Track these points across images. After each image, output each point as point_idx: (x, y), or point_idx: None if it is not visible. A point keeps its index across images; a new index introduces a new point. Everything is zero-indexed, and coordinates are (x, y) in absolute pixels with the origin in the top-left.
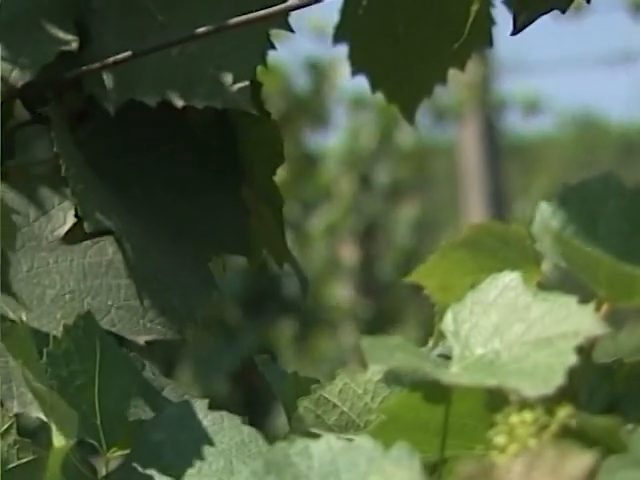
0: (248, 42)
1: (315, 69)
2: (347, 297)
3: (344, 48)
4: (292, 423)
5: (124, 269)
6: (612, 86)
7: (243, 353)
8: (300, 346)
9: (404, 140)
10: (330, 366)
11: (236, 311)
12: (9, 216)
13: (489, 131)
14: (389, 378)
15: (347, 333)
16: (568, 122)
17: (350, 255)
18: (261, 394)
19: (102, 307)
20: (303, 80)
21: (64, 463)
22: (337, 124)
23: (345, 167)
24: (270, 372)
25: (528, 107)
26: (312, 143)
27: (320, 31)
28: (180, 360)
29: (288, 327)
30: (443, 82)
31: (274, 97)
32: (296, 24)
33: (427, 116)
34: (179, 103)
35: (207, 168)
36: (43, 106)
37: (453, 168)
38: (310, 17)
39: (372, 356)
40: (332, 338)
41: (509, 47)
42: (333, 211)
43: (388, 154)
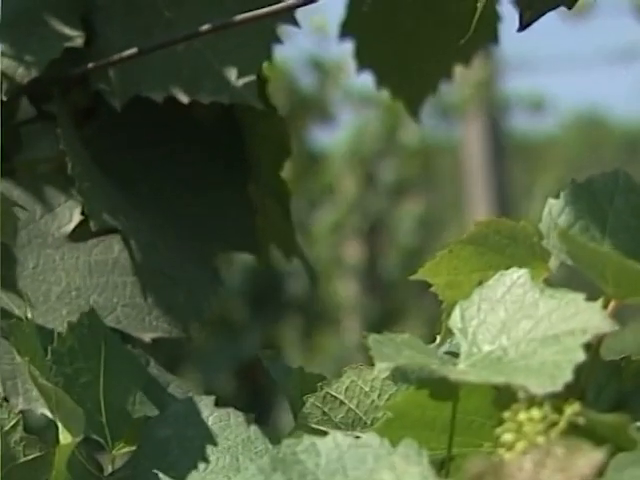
0: (254, 38)
1: (319, 67)
2: (351, 295)
3: (348, 46)
4: (298, 420)
5: (130, 267)
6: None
7: (247, 351)
8: (304, 344)
9: (409, 138)
10: (335, 364)
11: (241, 308)
12: (11, 211)
13: (493, 130)
14: (396, 375)
15: (351, 331)
16: (572, 121)
17: (354, 253)
18: (265, 392)
19: (108, 304)
20: (307, 78)
21: (70, 460)
22: (341, 122)
23: (349, 165)
24: (275, 368)
25: (532, 106)
26: (316, 141)
27: (324, 29)
28: (184, 357)
29: (293, 325)
30: (448, 78)
31: (278, 95)
32: (300, 22)
33: (432, 114)
34: (185, 99)
35: (213, 164)
36: (49, 103)
37: (457, 166)
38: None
39: (379, 353)
40: (336, 336)
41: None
42: (337, 209)
43: (393, 152)
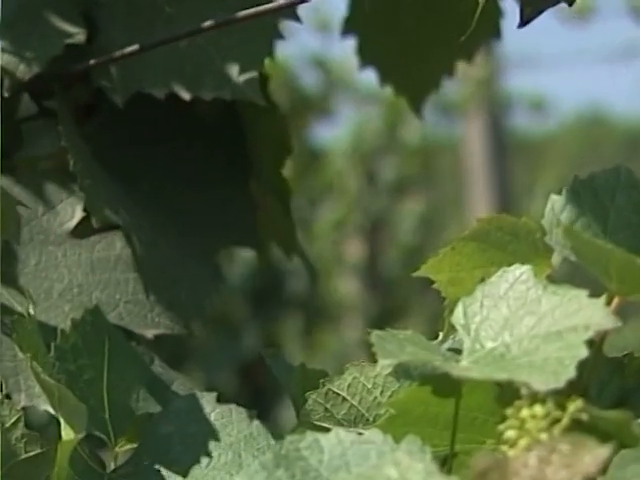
0: (256, 34)
1: (321, 65)
2: (352, 293)
3: (350, 43)
4: (300, 417)
5: (132, 263)
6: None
7: (248, 349)
8: (305, 342)
9: (409, 136)
10: (335, 362)
11: (241, 306)
12: (13, 209)
13: (495, 128)
14: (399, 372)
15: (352, 329)
16: (573, 119)
17: (355, 251)
18: (266, 390)
19: (110, 301)
20: (308, 76)
21: (72, 456)
22: (342, 119)
23: (350, 163)
24: (277, 365)
25: (534, 104)
26: (317, 139)
27: (325, 27)
28: (185, 356)
29: (293, 323)
30: (451, 74)
31: (279, 93)
32: (302, 19)
33: (433, 112)
34: (186, 95)
35: (215, 161)
36: (50, 99)
37: (458, 164)
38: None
39: (382, 350)
40: (337, 334)
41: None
42: (338, 207)
43: (393, 150)
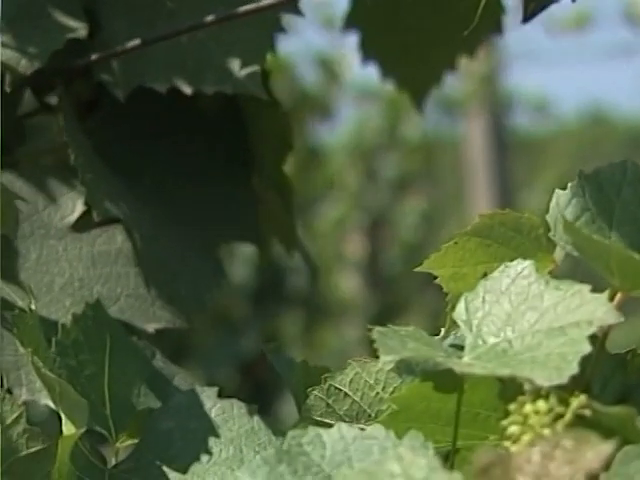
0: (257, 28)
1: (321, 61)
2: (353, 290)
3: (351, 40)
4: (302, 413)
5: (133, 257)
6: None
7: (248, 345)
8: (306, 338)
9: (410, 133)
10: (336, 359)
11: (242, 303)
12: (12, 203)
13: (496, 125)
14: (401, 368)
15: (353, 326)
16: (575, 117)
17: (356, 248)
18: (267, 386)
19: (111, 295)
20: (309, 73)
21: (73, 452)
22: (343, 117)
23: (351, 160)
24: (279, 361)
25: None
26: (318, 136)
27: (326, 23)
28: (185, 352)
29: (294, 319)
30: (453, 69)
31: (280, 90)
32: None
33: (434, 109)
34: (188, 90)
35: (217, 156)
36: (52, 94)
37: (459, 162)
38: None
39: (384, 346)
40: (338, 331)
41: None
42: (339, 204)
43: (394, 147)
